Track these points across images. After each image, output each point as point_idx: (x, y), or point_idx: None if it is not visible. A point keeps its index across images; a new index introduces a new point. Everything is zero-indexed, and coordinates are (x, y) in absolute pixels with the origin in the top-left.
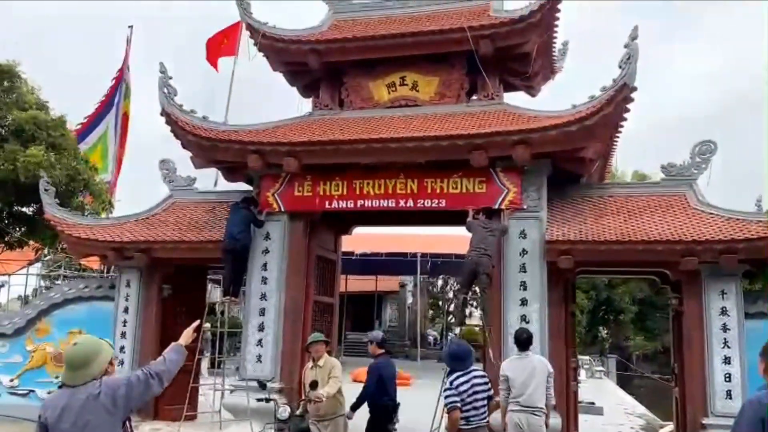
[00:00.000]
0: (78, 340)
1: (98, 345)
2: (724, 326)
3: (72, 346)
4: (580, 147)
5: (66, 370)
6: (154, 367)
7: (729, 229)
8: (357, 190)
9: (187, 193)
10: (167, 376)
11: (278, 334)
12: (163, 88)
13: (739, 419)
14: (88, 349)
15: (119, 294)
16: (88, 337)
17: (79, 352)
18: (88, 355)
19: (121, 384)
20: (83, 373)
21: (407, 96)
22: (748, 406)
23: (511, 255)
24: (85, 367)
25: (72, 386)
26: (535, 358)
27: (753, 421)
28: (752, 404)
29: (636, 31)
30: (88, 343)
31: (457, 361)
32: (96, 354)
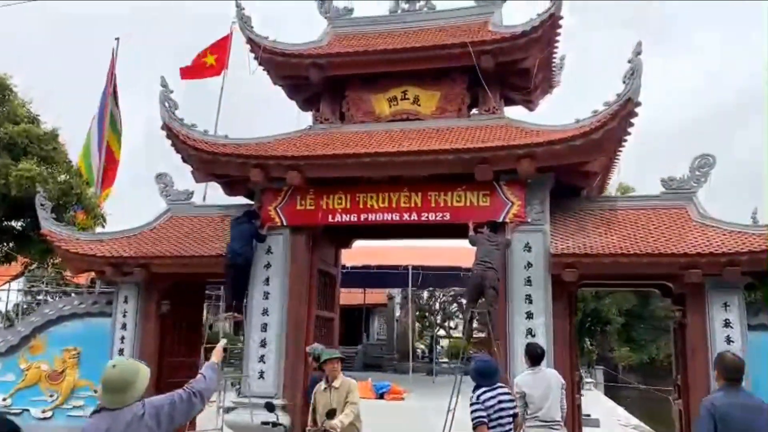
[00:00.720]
0: (116, 363)
1: (136, 366)
2: (727, 338)
3: (111, 369)
4: (584, 161)
5: (105, 394)
6: (196, 385)
7: (730, 241)
8: (360, 203)
9: (185, 207)
10: (208, 394)
11: (281, 350)
12: (164, 102)
13: (698, 418)
14: (126, 371)
15: (117, 310)
16: (124, 359)
17: (119, 375)
18: (127, 378)
19: (165, 403)
20: (124, 395)
21: (408, 110)
22: (703, 406)
23: (516, 268)
24: (126, 390)
25: (112, 409)
26: (548, 371)
27: (706, 419)
28: (705, 405)
29: (640, 46)
30: (126, 365)
31: (484, 377)
32: (135, 375)
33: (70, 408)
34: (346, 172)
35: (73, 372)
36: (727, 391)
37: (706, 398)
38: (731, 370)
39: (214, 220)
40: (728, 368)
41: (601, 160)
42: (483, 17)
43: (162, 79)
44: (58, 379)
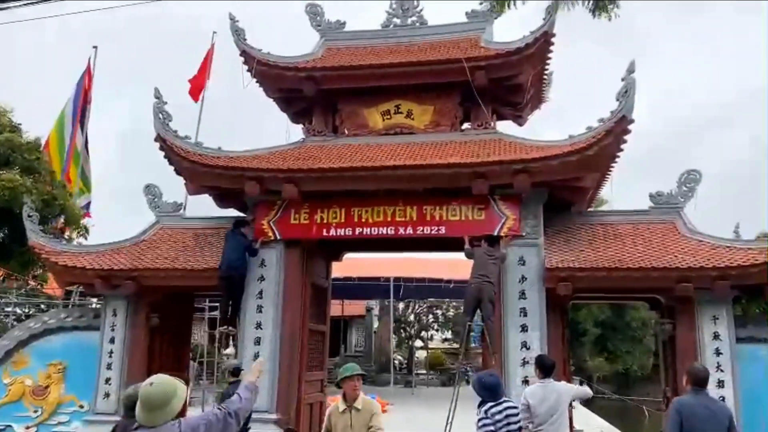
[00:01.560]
0: (154, 380)
1: (174, 384)
2: (716, 350)
3: (148, 387)
4: (579, 176)
5: (142, 411)
6: (231, 405)
7: (718, 255)
8: (355, 217)
9: (174, 219)
10: (243, 414)
11: (274, 364)
12: (158, 114)
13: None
14: (165, 389)
15: (105, 323)
16: (163, 376)
17: (157, 393)
18: (165, 395)
19: (201, 423)
20: (161, 413)
21: (402, 123)
22: (673, 404)
23: (511, 282)
24: (163, 408)
25: (149, 427)
26: (558, 385)
27: (674, 414)
28: (674, 404)
29: (633, 65)
30: (164, 382)
31: (490, 391)
32: (173, 393)
33: (55, 424)
34: (344, 185)
35: (58, 387)
36: (693, 395)
37: (676, 398)
38: (698, 378)
39: (204, 232)
40: (696, 377)
41: (594, 176)
42: (475, 33)
43: (156, 91)
44: (43, 394)
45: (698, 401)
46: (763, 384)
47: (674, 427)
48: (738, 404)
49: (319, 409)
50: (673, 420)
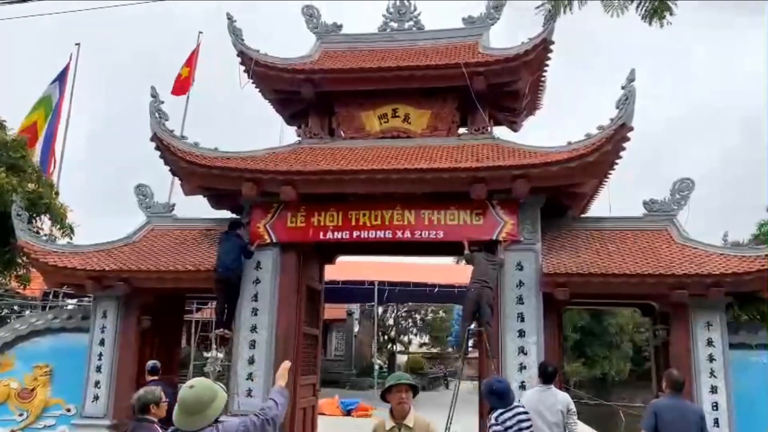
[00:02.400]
0: (194, 383)
1: (214, 388)
2: (710, 356)
3: (188, 390)
4: (577, 182)
5: (181, 415)
6: (269, 411)
7: (712, 263)
8: (353, 221)
9: (165, 220)
10: (279, 421)
11: (269, 368)
12: (154, 113)
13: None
14: (205, 392)
15: (94, 325)
16: (203, 380)
17: (197, 396)
18: (205, 399)
19: (239, 428)
20: (200, 417)
21: (399, 127)
22: (649, 406)
23: (508, 287)
24: (203, 412)
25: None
26: (557, 393)
27: (649, 413)
28: (650, 405)
29: (633, 73)
30: (204, 386)
31: (500, 398)
32: (213, 397)
33: (41, 428)
34: (343, 188)
35: (45, 390)
36: (670, 397)
37: (654, 400)
38: (675, 383)
39: (196, 234)
40: (673, 381)
41: (593, 182)
42: (472, 39)
43: (152, 89)
44: (29, 397)
45: (673, 403)
46: (755, 389)
47: (649, 421)
48: (731, 410)
49: (311, 414)
50: (649, 419)
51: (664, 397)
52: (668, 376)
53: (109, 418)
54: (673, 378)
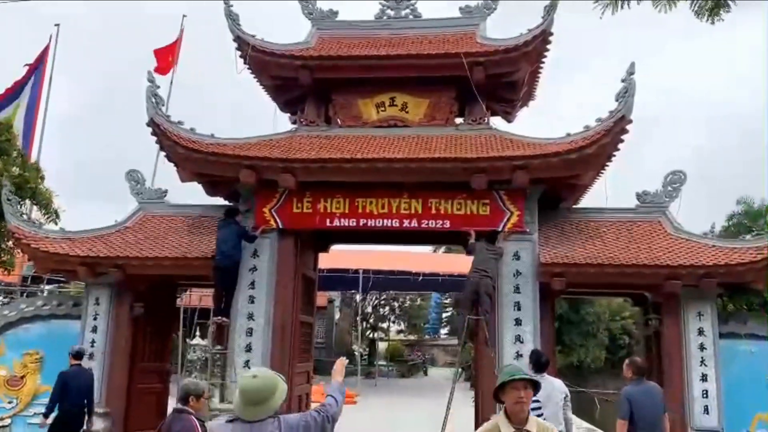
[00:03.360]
0: (256, 373)
1: (276, 379)
2: (701, 345)
3: (251, 379)
4: (576, 174)
5: (243, 405)
6: (330, 409)
7: (704, 254)
8: (359, 208)
9: (158, 206)
10: (337, 419)
11: (266, 356)
12: (150, 97)
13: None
14: (268, 382)
15: (86, 312)
16: (265, 369)
17: (261, 386)
18: (268, 389)
19: (300, 424)
20: (263, 408)
21: (396, 116)
22: (622, 394)
23: (506, 276)
24: (266, 402)
25: (248, 422)
26: (552, 380)
27: (625, 402)
28: (623, 393)
29: (633, 66)
30: (267, 376)
31: None
32: (275, 388)
33: (31, 415)
34: (342, 176)
35: (35, 377)
36: (636, 383)
37: (624, 389)
38: (639, 368)
39: (189, 220)
40: (637, 367)
41: (592, 174)
42: (470, 28)
43: (149, 74)
44: (18, 384)
45: (641, 388)
46: (743, 377)
47: (626, 408)
48: (720, 397)
49: (306, 401)
50: (625, 405)
51: (631, 384)
52: (633, 363)
53: (102, 406)
54: (637, 364)
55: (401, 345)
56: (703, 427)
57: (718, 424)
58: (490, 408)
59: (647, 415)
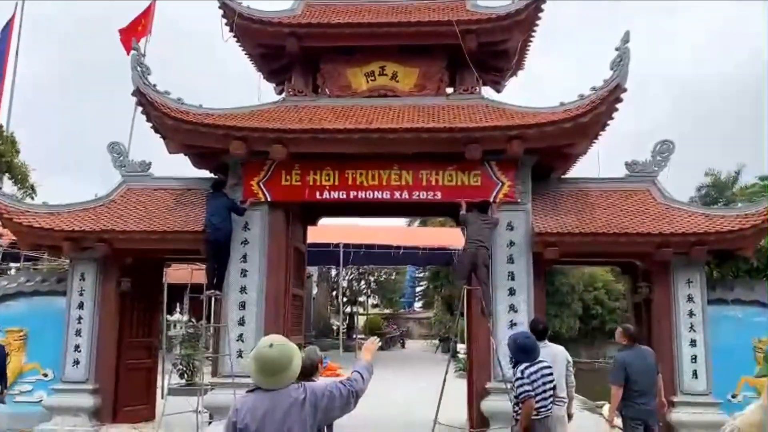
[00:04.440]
0: (272, 342)
1: (291, 346)
2: (690, 312)
3: (268, 349)
4: (570, 143)
5: (263, 375)
6: (355, 384)
7: (693, 222)
8: (349, 180)
9: (142, 179)
10: (361, 396)
11: (260, 329)
12: (136, 66)
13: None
14: (285, 351)
15: (72, 288)
16: (280, 337)
17: (278, 355)
18: (286, 357)
19: (325, 393)
20: (282, 377)
21: (386, 86)
22: (616, 359)
23: (499, 246)
24: (286, 370)
25: (268, 390)
26: (554, 347)
27: (619, 367)
28: (617, 358)
29: (627, 35)
30: (284, 345)
31: (526, 352)
32: (293, 355)
33: (17, 394)
34: (335, 147)
35: (20, 355)
36: (630, 348)
37: (618, 354)
38: (631, 335)
39: (175, 193)
40: (630, 333)
41: (586, 143)
42: None
43: (133, 42)
44: None
45: (634, 353)
46: (730, 342)
47: (620, 375)
48: (709, 361)
49: None
50: (619, 369)
51: (625, 349)
52: (625, 330)
53: (92, 382)
54: (629, 331)
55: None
56: (692, 391)
57: (706, 388)
58: (485, 376)
59: (642, 379)
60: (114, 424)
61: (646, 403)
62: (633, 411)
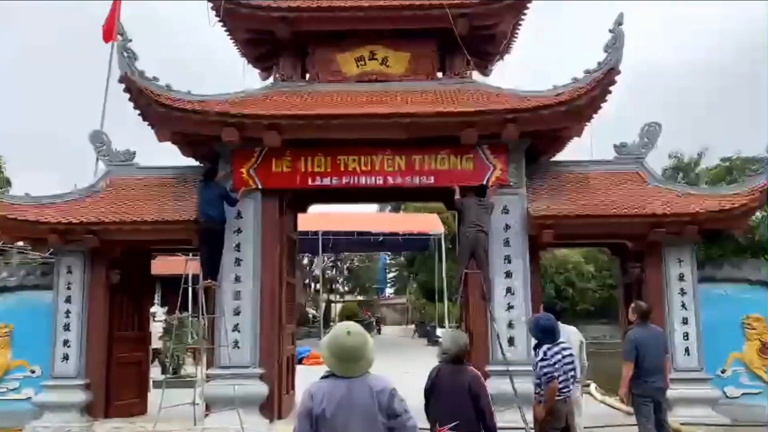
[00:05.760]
0: (349, 329)
1: (366, 333)
2: (681, 290)
3: (346, 336)
4: (565, 126)
5: (341, 362)
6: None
7: (682, 202)
8: (342, 166)
9: (127, 170)
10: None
11: (256, 319)
12: (122, 51)
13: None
14: (363, 338)
15: (59, 282)
16: (354, 324)
17: (356, 343)
18: (365, 345)
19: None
20: (359, 364)
21: (377, 71)
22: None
23: (495, 230)
24: (361, 358)
25: (344, 377)
26: (567, 328)
27: (631, 344)
28: (629, 336)
29: (621, 17)
30: (359, 332)
31: (547, 333)
32: (368, 343)
33: (4, 391)
34: (330, 133)
35: (5, 352)
36: (641, 326)
37: (630, 332)
38: (644, 312)
39: (162, 182)
40: (642, 311)
41: (580, 126)
42: None
43: (120, 26)
44: None
45: (646, 331)
46: (719, 319)
47: (632, 352)
48: (700, 338)
49: (291, 361)
50: (631, 346)
51: (637, 326)
52: (638, 307)
53: (82, 378)
54: (642, 309)
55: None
56: (684, 367)
57: (698, 365)
58: (484, 359)
59: (652, 357)
60: (107, 419)
61: (656, 381)
62: (643, 388)
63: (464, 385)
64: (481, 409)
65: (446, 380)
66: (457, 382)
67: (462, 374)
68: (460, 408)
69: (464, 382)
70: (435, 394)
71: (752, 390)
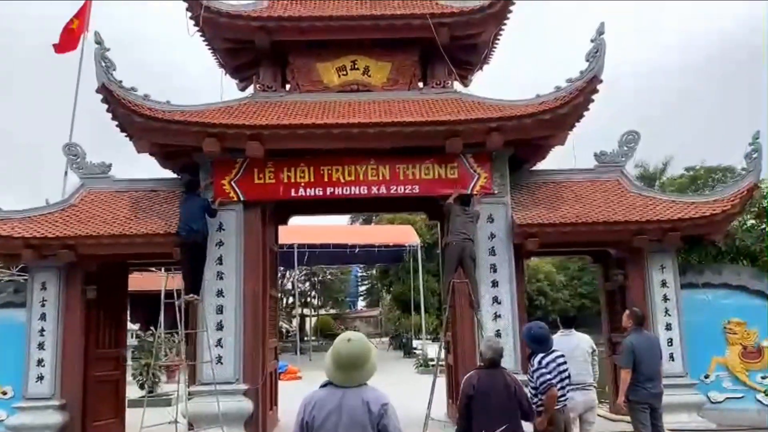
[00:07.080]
0: (351, 337)
1: (368, 343)
2: (664, 297)
3: (347, 343)
4: (548, 135)
5: (341, 371)
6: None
7: (664, 209)
8: (325, 176)
9: (102, 182)
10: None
11: (239, 333)
12: (100, 60)
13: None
14: (365, 347)
15: (33, 299)
16: (356, 333)
17: (357, 351)
18: (366, 353)
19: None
20: (359, 373)
21: (358, 80)
22: (625, 344)
23: (481, 239)
24: (361, 368)
25: (341, 387)
26: (579, 335)
27: (628, 350)
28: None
29: (603, 27)
30: (361, 340)
31: (541, 343)
32: (369, 353)
33: None
34: (313, 143)
35: None
36: (636, 333)
37: (626, 339)
38: (639, 319)
39: (138, 195)
40: (637, 318)
41: (563, 135)
42: None
43: (96, 35)
44: None
45: (642, 337)
46: (701, 324)
47: (629, 358)
48: (683, 342)
49: (274, 376)
50: (629, 353)
51: (632, 333)
52: (633, 313)
53: (57, 398)
54: (637, 315)
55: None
56: (669, 373)
57: (683, 370)
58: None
59: (649, 363)
60: None
61: (653, 386)
62: (640, 395)
63: (508, 387)
64: (525, 410)
65: (488, 384)
66: (499, 384)
67: (503, 377)
68: (507, 409)
69: (507, 385)
70: (478, 397)
71: (735, 394)
